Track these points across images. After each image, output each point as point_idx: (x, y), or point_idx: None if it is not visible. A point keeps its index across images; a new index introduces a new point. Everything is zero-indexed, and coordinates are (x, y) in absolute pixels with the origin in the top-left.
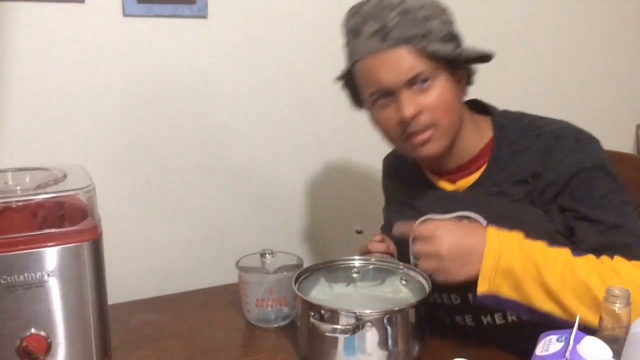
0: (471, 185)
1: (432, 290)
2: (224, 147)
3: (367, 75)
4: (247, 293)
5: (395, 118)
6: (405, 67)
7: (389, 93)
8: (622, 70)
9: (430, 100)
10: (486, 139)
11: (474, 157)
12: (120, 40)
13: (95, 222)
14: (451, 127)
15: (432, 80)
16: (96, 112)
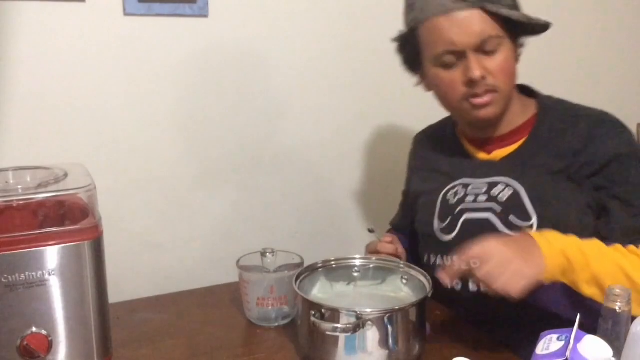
0: (507, 156)
1: (450, 253)
2: (224, 147)
3: (438, 35)
4: (247, 292)
5: (460, 79)
6: (478, 29)
7: (457, 54)
8: (623, 68)
9: (495, 64)
10: (528, 116)
11: (514, 130)
12: (121, 39)
13: (96, 221)
14: (509, 93)
15: (499, 45)
16: (97, 111)
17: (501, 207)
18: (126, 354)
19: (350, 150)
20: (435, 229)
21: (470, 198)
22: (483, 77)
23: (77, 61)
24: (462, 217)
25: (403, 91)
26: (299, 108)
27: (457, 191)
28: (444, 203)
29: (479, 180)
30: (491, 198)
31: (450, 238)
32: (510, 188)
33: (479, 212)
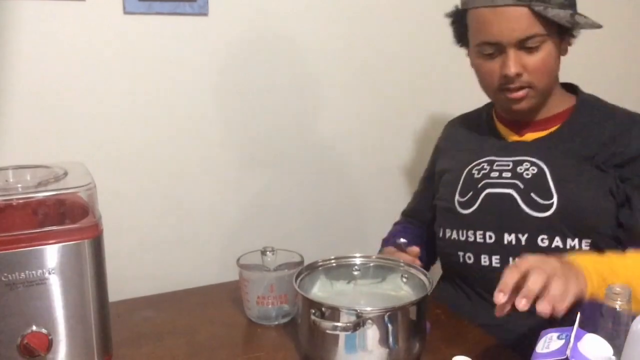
0: (537, 139)
1: (466, 228)
2: (223, 146)
3: (482, 25)
4: (248, 291)
5: (497, 71)
6: (522, 27)
7: (498, 46)
8: (623, 67)
9: (534, 62)
10: (565, 107)
11: (550, 117)
12: (121, 38)
13: (96, 219)
14: (546, 90)
15: (541, 43)
16: (97, 110)
17: (524, 184)
18: (126, 353)
19: (351, 149)
20: (455, 202)
21: (495, 174)
22: (518, 74)
23: (77, 60)
24: (484, 191)
25: (413, 95)
26: (301, 107)
27: (483, 167)
28: (467, 178)
29: (506, 158)
30: (516, 175)
31: (469, 212)
32: (535, 167)
33: (502, 187)
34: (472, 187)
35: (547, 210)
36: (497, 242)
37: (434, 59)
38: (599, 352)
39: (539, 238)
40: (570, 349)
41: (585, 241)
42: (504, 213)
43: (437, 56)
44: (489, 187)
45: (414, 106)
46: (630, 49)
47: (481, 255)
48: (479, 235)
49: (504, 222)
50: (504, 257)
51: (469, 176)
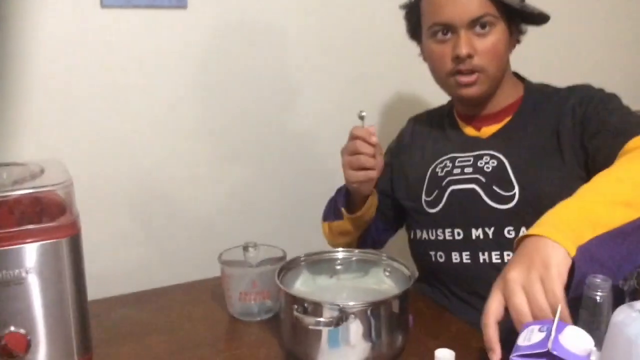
0: (494, 133)
1: (435, 227)
2: (203, 141)
3: (435, 7)
4: (229, 287)
5: (449, 54)
6: (473, 7)
7: (450, 29)
8: (622, 63)
9: (485, 45)
10: (515, 97)
11: (502, 109)
12: (98, 32)
13: (74, 217)
14: (496, 75)
15: (491, 26)
16: (74, 105)
17: (485, 177)
18: (107, 352)
19: (334, 143)
20: (422, 202)
21: (457, 170)
22: (469, 55)
23: (53, 54)
24: (448, 188)
25: (395, 92)
26: (283, 101)
27: (445, 164)
28: (432, 177)
29: (466, 154)
30: (477, 169)
31: (436, 210)
32: (494, 159)
33: (465, 183)
34: (437, 186)
35: (510, 201)
36: (466, 238)
37: (416, 49)
38: (580, 344)
39: (505, 230)
40: (552, 341)
41: None
42: (470, 208)
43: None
44: (453, 184)
45: (396, 100)
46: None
47: (452, 253)
48: (447, 233)
49: (470, 217)
50: (474, 252)
51: (433, 175)
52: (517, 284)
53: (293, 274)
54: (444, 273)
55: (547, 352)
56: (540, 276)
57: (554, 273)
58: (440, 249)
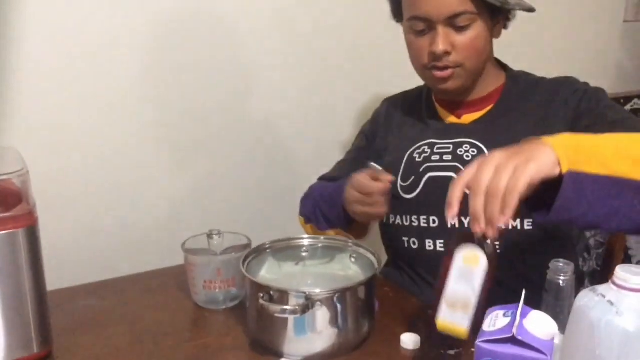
0: (475, 121)
1: (410, 213)
2: (166, 127)
3: (414, 1)
4: (194, 275)
5: (426, 48)
6: (451, 4)
7: (427, 22)
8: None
9: (463, 41)
10: (497, 85)
11: (484, 97)
12: (50, 16)
13: (31, 207)
14: (475, 70)
15: (471, 22)
16: (29, 91)
17: (464, 166)
18: (68, 343)
19: (296, 127)
20: (398, 187)
21: (436, 157)
22: (446, 52)
23: (6, 33)
24: (425, 175)
25: (363, 72)
26: (243, 85)
27: (424, 150)
28: (409, 162)
29: (446, 141)
30: (456, 157)
31: (411, 196)
32: (474, 148)
33: (443, 170)
34: (413, 172)
35: None
36: (441, 227)
37: (375, 32)
38: (544, 328)
39: None
40: (516, 326)
41: (527, 221)
42: (446, 197)
43: (377, 30)
44: (430, 170)
45: (354, 80)
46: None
47: (425, 240)
48: (422, 220)
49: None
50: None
51: (410, 160)
52: (492, 163)
53: (258, 261)
54: (416, 259)
55: (512, 337)
56: (517, 165)
57: (531, 167)
58: (414, 236)
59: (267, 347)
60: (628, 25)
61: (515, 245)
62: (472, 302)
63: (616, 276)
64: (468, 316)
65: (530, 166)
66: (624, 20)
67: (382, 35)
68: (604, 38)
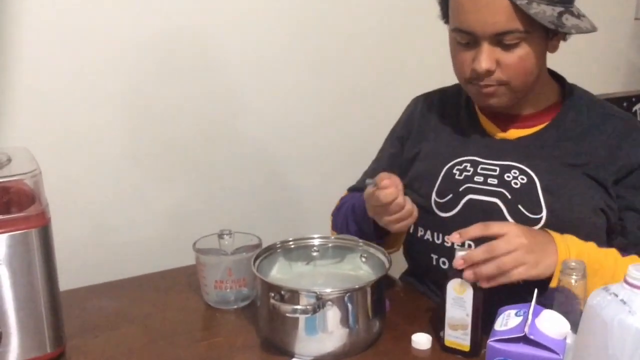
0: (523, 137)
1: (443, 231)
2: (178, 127)
3: (459, 12)
4: (205, 275)
5: (469, 62)
6: (499, 21)
7: (472, 37)
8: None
9: (509, 60)
10: (551, 102)
11: (536, 113)
12: (68, 18)
13: (43, 207)
14: (522, 89)
15: (519, 40)
16: (42, 92)
17: (512, 194)
18: (80, 343)
19: (314, 126)
20: (432, 202)
21: (479, 179)
22: (489, 71)
23: (19, 39)
24: (466, 196)
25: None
26: (258, 89)
27: (465, 167)
28: (447, 177)
29: (491, 161)
30: (503, 183)
31: (447, 215)
32: (524, 176)
33: (487, 195)
34: (452, 189)
35: (534, 224)
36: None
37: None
38: (556, 327)
39: None
40: (528, 325)
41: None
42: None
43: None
44: (472, 192)
45: (364, 80)
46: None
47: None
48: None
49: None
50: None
51: (449, 175)
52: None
53: (269, 261)
54: (443, 279)
55: (524, 336)
56: (525, 262)
57: (531, 272)
58: (445, 256)
59: (278, 347)
60: (639, 23)
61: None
62: (467, 323)
63: (629, 275)
64: (468, 334)
65: (532, 271)
66: (635, 18)
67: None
68: (615, 36)
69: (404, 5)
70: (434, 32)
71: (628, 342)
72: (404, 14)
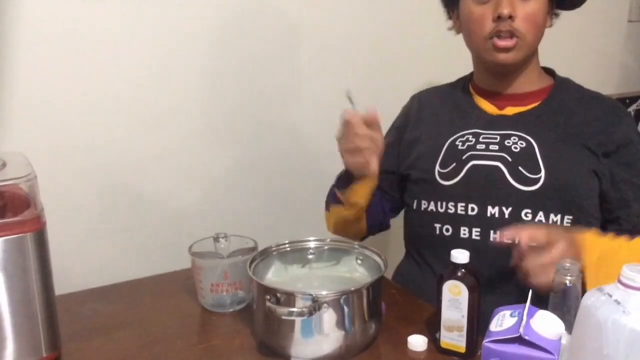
0: (519, 113)
1: (446, 199)
2: (171, 130)
3: None
4: (201, 279)
5: (489, 15)
6: None
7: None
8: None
9: (526, 10)
10: (544, 85)
11: (529, 93)
12: (61, 20)
13: (38, 211)
14: (532, 44)
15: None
16: (36, 96)
17: (512, 157)
18: (76, 348)
19: (308, 131)
20: (435, 173)
21: (481, 146)
22: (510, 16)
23: (12, 41)
24: (469, 163)
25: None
26: (252, 90)
27: (468, 139)
28: (450, 149)
29: (492, 131)
30: (504, 148)
31: (450, 183)
32: (523, 141)
33: (489, 159)
34: (455, 159)
35: (534, 184)
36: (480, 215)
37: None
38: (551, 328)
39: (522, 212)
40: (523, 326)
41: (567, 217)
42: (490, 185)
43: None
44: (475, 159)
45: (376, 91)
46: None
47: (461, 227)
48: (460, 207)
49: (489, 194)
50: (485, 229)
51: (452, 147)
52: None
53: (265, 264)
54: (446, 247)
55: (519, 337)
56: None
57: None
58: (449, 222)
59: (275, 350)
60: (632, 25)
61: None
62: (463, 324)
63: (623, 275)
64: (463, 336)
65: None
66: (628, 20)
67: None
68: (609, 38)
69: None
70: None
71: (622, 342)
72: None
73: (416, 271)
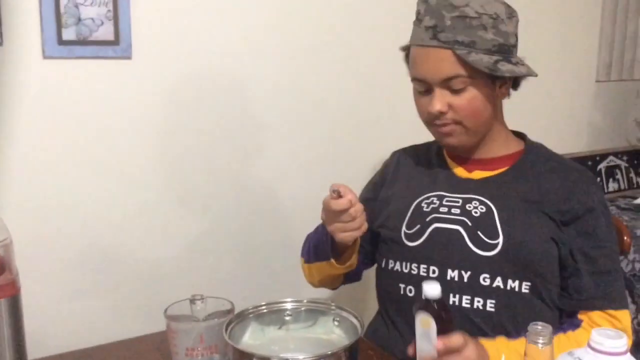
0: (485, 178)
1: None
2: (146, 191)
3: (414, 63)
4: (176, 342)
5: (426, 107)
6: (445, 68)
7: (426, 84)
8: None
9: (459, 102)
10: (513, 150)
11: (497, 158)
12: (40, 83)
13: (13, 276)
14: (476, 128)
15: (465, 85)
16: (11, 159)
17: (472, 222)
18: None
19: (284, 192)
20: (402, 234)
21: (444, 209)
22: (442, 112)
23: None
24: (431, 225)
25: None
26: (233, 150)
27: (432, 201)
28: (416, 210)
29: (456, 195)
30: (464, 212)
31: (415, 244)
32: (483, 205)
33: (450, 223)
34: (420, 220)
35: (492, 249)
36: (440, 277)
37: (376, 101)
38: None
39: (481, 276)
40: None
41: (525, 284)
42: (450, 249)
43: (378, 98)
44: (437, 221)
45: (350, 148)
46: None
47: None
48: (422, 269)
49: (449, 257)
50: (445, 292)
51: (418, 209)
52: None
53: (241, 326)
54: (410, 308)
55: None
56: None
57: None
58: (412, 284)
59: None
60: (600, 84)
61: (508, 306)
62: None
63: (592, 340)
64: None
65: None
66: (596, 80)
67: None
68: (578, 97)
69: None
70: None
71: None
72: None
73: (384, 328)
